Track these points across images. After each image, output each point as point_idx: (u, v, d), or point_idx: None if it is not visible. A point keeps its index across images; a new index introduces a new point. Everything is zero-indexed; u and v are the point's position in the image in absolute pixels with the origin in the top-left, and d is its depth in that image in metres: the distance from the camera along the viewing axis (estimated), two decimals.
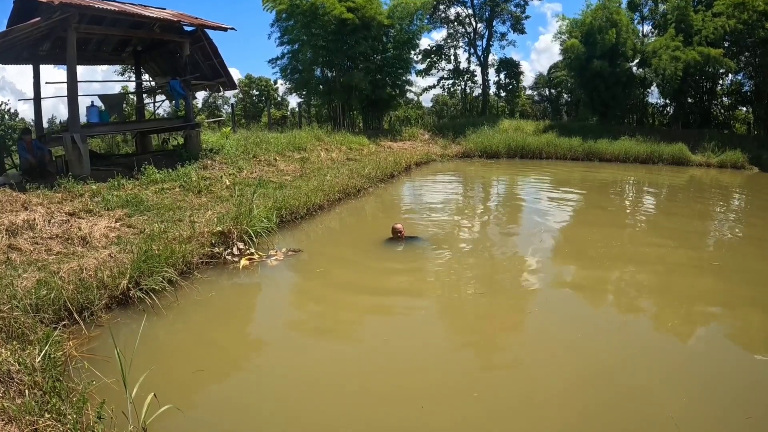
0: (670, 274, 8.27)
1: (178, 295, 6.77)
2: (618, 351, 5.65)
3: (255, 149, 16.25)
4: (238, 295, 7.46)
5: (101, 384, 4.43)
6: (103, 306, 6.19)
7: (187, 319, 6.36)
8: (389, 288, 7.58)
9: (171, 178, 12.25)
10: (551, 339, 5.90)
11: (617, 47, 27.96)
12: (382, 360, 5.45)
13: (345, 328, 6.45)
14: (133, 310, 6.33)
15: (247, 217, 9.09)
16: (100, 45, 15.29)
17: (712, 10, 27.73)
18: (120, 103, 15.27)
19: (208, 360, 5.44)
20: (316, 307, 7.14)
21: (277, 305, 7.28)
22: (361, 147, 21.92)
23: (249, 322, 6.73)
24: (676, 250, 9.64)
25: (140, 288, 6.51)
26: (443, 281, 7.98)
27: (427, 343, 5.86)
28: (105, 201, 10.07)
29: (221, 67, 15.33)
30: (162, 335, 5.89)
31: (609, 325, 6.40)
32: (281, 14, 26.20)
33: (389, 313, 6.83)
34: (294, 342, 6.01)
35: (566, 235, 10.98)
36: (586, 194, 16.51)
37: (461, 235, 10.89)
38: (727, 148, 24.19)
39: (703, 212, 13.98)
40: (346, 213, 12.55)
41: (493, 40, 37.42)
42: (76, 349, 5.21)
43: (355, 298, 7.20)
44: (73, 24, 11.46)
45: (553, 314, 6.69)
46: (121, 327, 5.90)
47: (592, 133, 26.79)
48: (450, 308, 7.00)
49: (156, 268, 6.86)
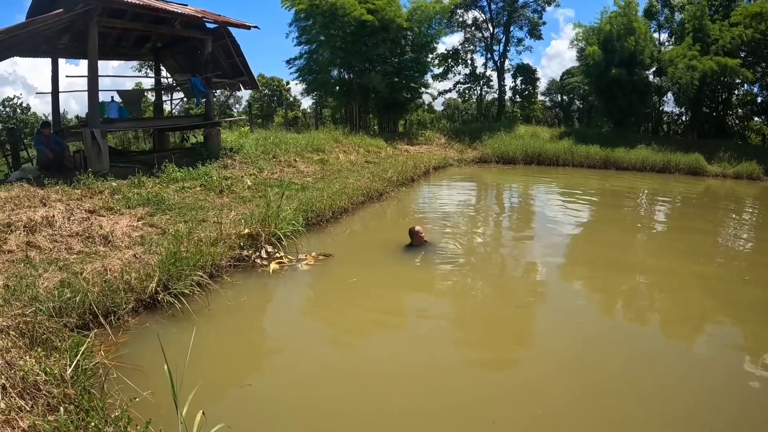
0: (714, 291, 7.87)
1: (209, 299, 6.38)
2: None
3: (274, 149, 15.93)
4: (271, 300, 7.11)
5: (134, 395, 4.04)
6: (129, 310, 5.82)
7: (220, 325, 5.98)
8: (428, 302, 7.21)
9: (191, 177, 11.93)
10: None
11: (635, 55, 27.65)
12: (433, 380, 5.05)
13: (388, 344, 5.96)
14: (162, 315, 5.95)
15: (275, 219, 8.71)
16: (119, 40, 15.00)
17: (729, 20, 27.65)
18: (139, 100, 15.00)
19: (251, 371, 5.13)
20: (353, 321, 6.57)
21: (313, 315, 6.80)
22: (379, 150, 21.64)
23: (287, 331, 6.24)
24: (714, 268, 9.27)
25: (169, 292, 6.14)
26: (476, 294, 7.65)
27: (470, 361, 5.53)
28: (126, 198, 9.73)
29: (243, 66, 14.98)
30: (197, 342, 5.48)
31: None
32: (300, 14, 25.95)
33: (430, 331, 6.31)
34: (339, 356, 5.59)
35: (597, 248, 10.47)
36: (620, 205, 16.11)
37: (487, 246, 10.51)
38: (743, 159, 23.94)
39: (729, 224, 13.64)
40: (371, 217, 12.17)
41: (510, 45, 37.03)
42: (105, 354, 4.83)
43: (392, 315, 6.76)
44: (95, 17, 11.15)
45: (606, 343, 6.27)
46: (149, 333, 5.50)
47: (608, 141, 26.46)
48: (488, 323, 6.56)
49: (185, 271, 6.48)
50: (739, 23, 26.83)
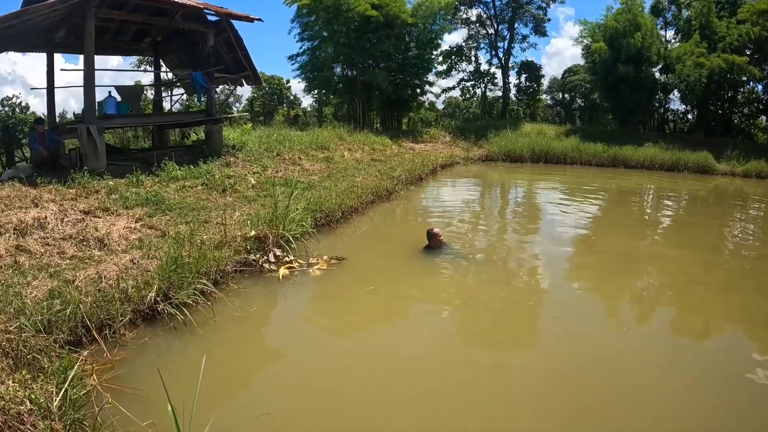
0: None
1: (214, 309, 5.79)
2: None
3: (278, 147, 15.36)
4: (282, 311, 6.50)
5: (132, 427, 3.50)
6: (126, 322, 5.25)
7: (228, 340, 5.41)
8: (456, 316, 6.56)
9: (193, 176, 11.36)
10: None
11: (642, 52, 27.26)
12: (468, 407, 4.48)
13: (415, 364, 5.22)
14: (162, 327, 5.38)
15: (284, 221, 8.14)
16: (117, 34, 14.42)
17: (735, 17, 27.51)
18: (138, 96, 14.43)
19: (266, 395, 4.54)
20: (374, 338, 5.90)
21: (330, 329, 6.14)
22: (384, 148, 21.15)
23: (302, 347, 5.55)
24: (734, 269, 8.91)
25: (170, 302, 5.56)
26: (506, 305, 6.99)
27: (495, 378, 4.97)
28: (123, 198, 9.16)
29: (246, 60, 14.37)
30: (202, 360, 4.88)
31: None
32: (302, 9, 25.46)
33: (460, 348, 5.69)
34: (362, 378, 4.91)
35: (617, 251, 9.97)
36: (633, 203, 15.67)
37: (509, 249, 9.90)
38: (751, 158, 23.62)
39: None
40: (381, 217, 11.63)
41: (515, 42, 36.49)
42: (98, 377, 4.26)
43: (417, 331, 6.03)
44: (92, 7, 10.59)
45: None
46: (149, 348, 4.96)
47: (615, 139, 26.08)
48: (523, 341, 5.99)
49: (187, 278, 5.91)
50: (746, 20, 26.72)
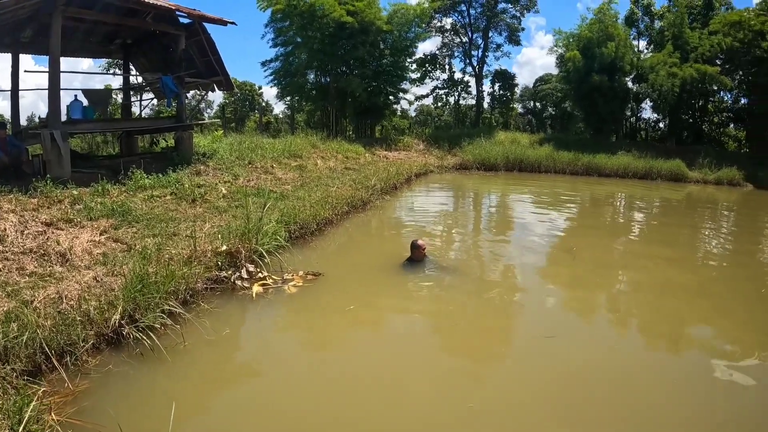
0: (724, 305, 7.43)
1: (184, 331, 5.42)
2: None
3: (250, 155, 14.99)
4: (257, 333, 6.07)
5: None
6: (89, 347, 4.89)
7: (199, 366, 5.03)
8: (444, 337, 6.26)
9: (161, 184, 10.94)
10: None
11: (615, 61, 27.82)
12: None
13: (404, 390, 4.90)
14: (128, 353, 4.99)
15: (257, 234, 7.82)
16: (87, 35, 13.90)
17: (708, 28, 28.28)
18: (106, 100, 13.93)
19: (242, 428, 4.18)
20: (358, 363, 5.42)
21: (310, 353, 5.72)
22: (358, 156, 20.94)
23: (280, 373, 5.13)
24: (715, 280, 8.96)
25: (136, 325, 5.21)
26: (495, 323, 6.74)
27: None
28: (87, 209, 8.72)
29: (218, 65, 13.99)
30: (171, 391, 4.55)
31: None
32: (276, 14, 25.15)
33: (452, 375, 5.31)
34: (347, 407, 4.58)
35: (598, 258, 9.94)
36: (610, 211, 15.73)
37: (495, 261, 9.65)
38: (722, 165, 24.42)
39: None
40: (357, 228, 11.35)
41: (489, 50, 36.67)
42: (59, 413, 3.92)
43: (402, 354, 5.63)
44: (60, 5, 10.14)
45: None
46: (114, 377, 4.61)
47: (589, 147, 26.47)
48: (516, 364, 5.72)
49: (154, 298, 5.56)
50: (718, 31, 27.54)
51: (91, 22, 12.49)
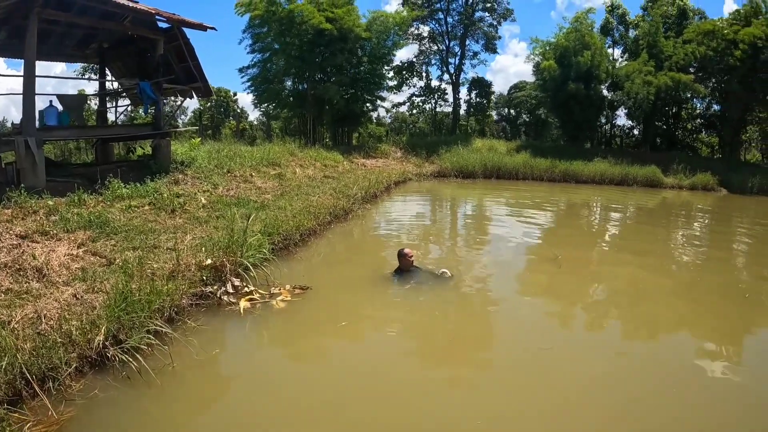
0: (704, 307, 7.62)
1: (172, 352, 5.17)
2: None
3: (229, 163, 14.71)
4: (247, 352, 5.79)
5: None
6: (72, 371, 4.62)
7: (190, 389, 4.80)
8: (431, 347, 6.13)
9: (139, 194, 10.61)
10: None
11: (591, 70, 28.23)
12: None
13: (403, 412, 4.69)
14: (114, 377, 4.73)
15: (242, 247, 7.60)
16: (62, 38, 13.51)
17: (682, 37, 28.74)
18: (81, 106, 13.51)
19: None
20: (356, 381, 5.20)
21: (304, 372, 5.43)
22: (336, 164, 20.80)
23: (275, 394, 4.89)
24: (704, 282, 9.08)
25: (121, 346, 4.96)
26: (492, 336, 6.65)
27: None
28: (64, 220, 8.37)
29: (197, 71, 13.67)
30: (161, 417, 4.29)
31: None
32: (254, 20, 24.87)
33: (455, 395, 5.12)
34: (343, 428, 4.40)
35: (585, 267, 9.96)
36: (589, 219, 15.98)
37: (483, 268, 9.50)
38: (696, 171, 24.97)
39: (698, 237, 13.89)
40: (341, 238, 11.19)
41: (466, 58, 36.84)
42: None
43: (402, 374, 5.39)
44: (36, 6, 9.80)
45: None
46: (100, 403, 4.35)
47: (565, 154, 26.85)
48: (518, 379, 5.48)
49: (139, 317, 5.30)
50: (692, 40, 28.07)
51: (67, 25, 12.15)
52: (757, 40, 25.87)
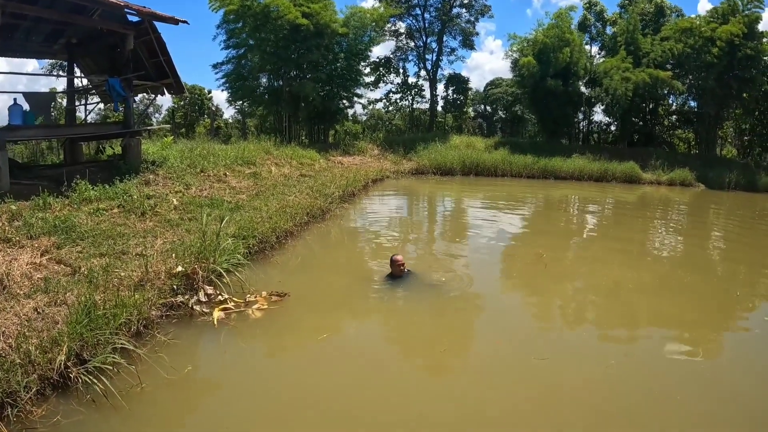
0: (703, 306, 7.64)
1: (140, 371, 4.83)
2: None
3: (202, 162, 14.25)
4: (223, 368, 5.39)
5: None
6: (34, 395, 4.28)
7: (160, 412, 4.46)
8: (416, 356, 5.93)
9: (108, 196, 10.16)
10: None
11: (570, 66, 28.37)
12: None
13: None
14: (78, 400, 4.38)
15: (214, 252, 7.27)
16: (29, 34, 12.91)
17: (660, 34, 28.99)
18: (48, 104, 12.95)
19: None
20: (338, 393, 4.98)
21: (282, 392, 5.03)
22: (312, 162, 20.44)
23: (253, 415, 4.58)
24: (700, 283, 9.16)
25: (85, 366, 4.63)
26: (485, 343, 6.40)
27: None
28: (27, 226, 7.93)
29: (168, 67, 13.19)
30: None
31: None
32: (229, 15, 24.34)
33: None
34: None
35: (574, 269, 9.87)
36: (570, 216, 15.99)
37: (474, 271, 9.15)
38: (674, 167, 25.52)
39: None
40: (319, 240, 10.90)
41: (443, 55, 36.68)
42: None
43: (379, 378, 5.26)
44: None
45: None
46: (64, 430, 4.02)
47: (544, 150, 27.00)
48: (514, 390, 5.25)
49: (103, 333, 4.96)
50: (670, 37, 28.37)
51: (34, 20, 11.60)
52: (734, 38, 26.21)
